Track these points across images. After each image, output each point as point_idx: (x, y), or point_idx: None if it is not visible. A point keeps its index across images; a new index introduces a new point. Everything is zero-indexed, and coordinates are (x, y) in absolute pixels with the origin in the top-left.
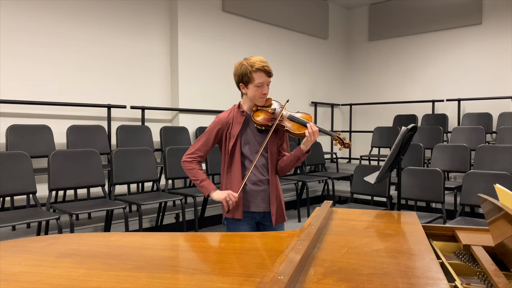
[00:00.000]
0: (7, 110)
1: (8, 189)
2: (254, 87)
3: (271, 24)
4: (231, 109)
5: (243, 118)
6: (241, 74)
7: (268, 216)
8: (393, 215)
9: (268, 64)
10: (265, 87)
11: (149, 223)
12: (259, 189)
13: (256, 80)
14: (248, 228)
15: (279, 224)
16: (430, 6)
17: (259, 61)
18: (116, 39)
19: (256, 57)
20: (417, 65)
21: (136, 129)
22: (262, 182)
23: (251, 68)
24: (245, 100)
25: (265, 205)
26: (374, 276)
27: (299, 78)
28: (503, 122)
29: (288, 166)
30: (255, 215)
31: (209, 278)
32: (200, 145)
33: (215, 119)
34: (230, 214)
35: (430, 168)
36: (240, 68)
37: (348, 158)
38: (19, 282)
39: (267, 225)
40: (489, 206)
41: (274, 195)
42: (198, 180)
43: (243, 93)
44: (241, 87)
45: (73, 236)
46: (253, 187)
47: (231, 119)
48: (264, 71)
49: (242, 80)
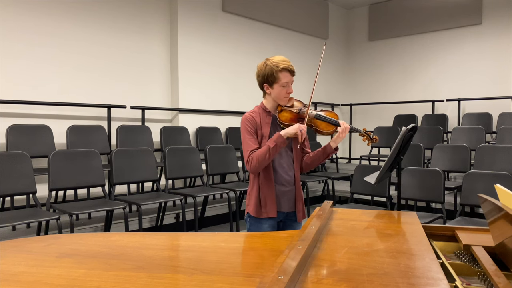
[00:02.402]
0: (7, 110)
1: (8, 189)
2: (279, 86)
3: (271, 24)
4: (255, 110)
5: (270, 118)
6: (266, 74)
7: (291, 215)
8: (393, 215)
9: (291, 63)
10: (290, 86)
11: (149, 223)
12: (286, 190)
13: (282, 80)
14: (271, 228)
15: (303, 219)
16: (430, 6)
17: (283, 60)
18: (116, 39)
19: (278, 56)
20: (417, 65)
21: (136, 129)
22: (288, 182)
23: (276, 68)
24: (268, 101)
25: (290, 206)
26: (374, 276)
27: (299, 78)
28: (503, 122)
29: (315, 163)
30: (280, 215)
31: (209, 278)
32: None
33: (243, 119)
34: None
35: (430, 168)
36: (265, 69)
37: (348, 158)
38: (19, 282)
39: (287, 223)
40: (489, 206)
41: (300, 192)
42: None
43: (266, 93)
44: (265, 87)
45: (73, 236)
46: (281, 187)
47: (259, 118)
48: (289, 70)
49: (267, 80)
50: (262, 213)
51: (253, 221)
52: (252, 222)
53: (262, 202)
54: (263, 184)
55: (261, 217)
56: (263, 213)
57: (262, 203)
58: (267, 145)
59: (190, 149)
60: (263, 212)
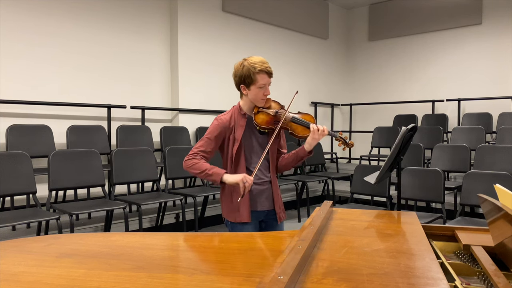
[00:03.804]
0: (7, 110)
1: (8, 189)
2: (256, 88)
3: (271, 24)
4: (231, 111)
5: (245, 121)
6: (243, 75)
7: (271, 214)
8: (393, 215)
9: (269, 65)
10: (267, 88)
11: (149, 223)
12: (263, 188)
13: (259, 82)
14: (253, 228)
15: (282, 221)
16: (430, 6)
17: (261, 62)
18: (116, 39)
19: (255, 57)
20: (417, 65)
21: (136, 129)
22: (265, 181)
23: (254, 70)
24: (245, 101)
25: (269, 203)
26: (374, 276)
27: (299, 78)
28: (503, 122)
29: (289, 165)
30: (260, 214)
31: (209, 278)
32: (202, 144)
33: (214, 121)
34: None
35: (430, 168)
36: (242, 69)
37: (348, 158)
38: (19, 282)
39: (269, 223)
40: (489, 206)
41: (277, 193)
42: (205, 170)
43: (243, 94)
44: (242, 88)
45: (73, 236)
46: (258, 186)
47: (233, 122)
48: (267, 72)
49: (244, 82)
50: (237, 218)
51: (233, 226)
52: (232, 226)
53: (235, 206)
54: (235, 188)
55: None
56: (237, 218)
57: (235, 208)
58: (206, 167)
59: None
60: (237, 217)
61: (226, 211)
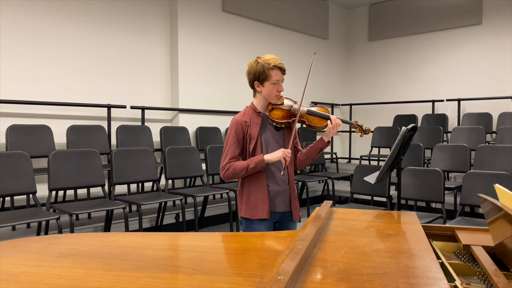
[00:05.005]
0: (7, 110)
1: (8, 189)
2: (270, 84)
3: (271, 24)
4: (245, 111)
5: (260, 119)
6: (257, 72)
7: (286, 215)
8: (393, 215)
9: (282, 62)
10: (280, 84)
11: (149, 223)
12: (281, 190)
13: (273, 78)
14: (268, 228)
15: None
16: (430, 6)
17: (274, 58)
18: (116, 39)
19: (269, 55)
20: (417, 65)
21: (136, 129)
22: (283, 181)
23: (268, 66)
24: (259, 99)
25: (285, 205)
26: (374, 276)
27: (299, 78)
28: (503, 122)
29: (309, 159)
30: (275, 215)
31: (209, 278)
32: (231, 151)
33: (231, 124)
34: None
35: (430, 168)
36: (256, 66)
37: (348, 158)
38: (19, 282)
39: (284, 223)
40: (489, 206)
41: (295, 191)
42: (246, 167)
43: (257, 91)
44: (256, 85)
45: (73, 236)
46: (275, 187)
47: (248, 120)
48: (280, 68)
49: (258, 78)
50: (254, 215)
51: (248, 224)
52: (248, 224)
53: (253, 204)
54: (254, 186)
55: (254, 219)
56: (255, 215)
57: (253, 205)
58: (247, 163)
59: (190, 149)
60: (254, 214)
61: (244, 209)
